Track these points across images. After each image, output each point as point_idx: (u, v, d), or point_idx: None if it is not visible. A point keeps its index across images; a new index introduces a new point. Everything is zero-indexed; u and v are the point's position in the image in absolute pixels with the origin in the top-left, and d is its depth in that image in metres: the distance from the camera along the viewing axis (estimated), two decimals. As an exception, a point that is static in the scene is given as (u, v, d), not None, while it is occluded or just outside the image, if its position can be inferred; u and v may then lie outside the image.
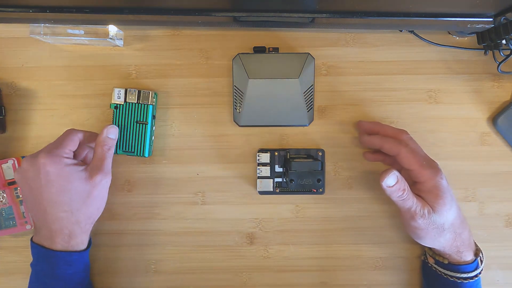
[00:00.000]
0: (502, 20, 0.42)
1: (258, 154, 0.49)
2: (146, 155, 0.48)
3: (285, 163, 0.49)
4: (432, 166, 0.44)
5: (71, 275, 0.44)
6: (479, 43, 0.47)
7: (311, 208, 0.51)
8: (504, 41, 0.44)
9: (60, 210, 0.43)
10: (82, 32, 0.46)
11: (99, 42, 0.48)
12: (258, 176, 0.49)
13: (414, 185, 0.45)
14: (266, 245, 0.51)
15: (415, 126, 0.50)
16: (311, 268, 0.51)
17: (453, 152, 0.51)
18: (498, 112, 0.50)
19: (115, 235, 0.51)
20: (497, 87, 0.50)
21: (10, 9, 0.42)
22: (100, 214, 0.46)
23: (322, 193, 0.49)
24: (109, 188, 0.46)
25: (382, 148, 0.46)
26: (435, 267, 0.47)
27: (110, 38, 0.46)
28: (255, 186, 0.50)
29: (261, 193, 0.50)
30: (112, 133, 0.46)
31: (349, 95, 0.50)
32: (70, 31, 0.46)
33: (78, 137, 0.45)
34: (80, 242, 0.45)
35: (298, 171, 0.46)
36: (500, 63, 0.47)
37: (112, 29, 0.46)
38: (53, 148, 0.43)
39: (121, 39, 0.49)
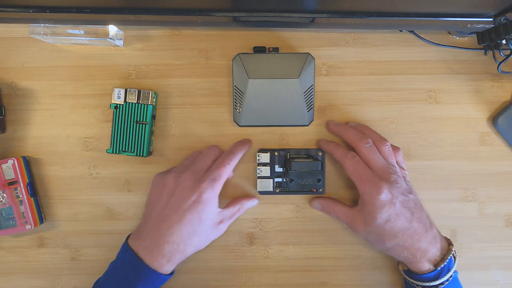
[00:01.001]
0: (502, 20, 0.42)
1: (258, 154, 0.49)
2: (146, 155, 0.48)
3: (285, 163, 0.48)
4: (374, 182, 0.43)
5: None
6: (479, 43, 0.47)
7: (311, 208, 0.51)
8: (504, 41, 0.44)
9: (177, 238, 0.43)
10: (82, 32, 0.46)
11: (99, 42, 0.48)
12: (258, 176, 0.49)
13: None
14: (266, 245, 0.51)
15: (415, 126, 0.50)
16: (311, 268, 0.51)
17: (453, 152, 0.51)
18: (498, 112, 0.50)
19: (115, 235, 0.51)
20: (497, 87, 0.50)
21: (10, 9, 0.42)
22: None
23: (322, 193, 0.49)
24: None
25: (332, 156, 0.48)
26: (402, 273, 0.47)
27: (110, 38, 0.46)
28: (255, 186, 0.50)
29: (261, 193, 0.50)
30: (253, 205, 0.50)
31: (349, 95, 0.50)
32: (70, 31, 0.46)
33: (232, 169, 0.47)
34: (169, 270, 0.44)
35: (298, 171, 0.46)
36: (500, 63, 0.47)
37: (112, 29, 0.46)
38: (216, 180, 0.44)
39: (121, 39, 0.49)
